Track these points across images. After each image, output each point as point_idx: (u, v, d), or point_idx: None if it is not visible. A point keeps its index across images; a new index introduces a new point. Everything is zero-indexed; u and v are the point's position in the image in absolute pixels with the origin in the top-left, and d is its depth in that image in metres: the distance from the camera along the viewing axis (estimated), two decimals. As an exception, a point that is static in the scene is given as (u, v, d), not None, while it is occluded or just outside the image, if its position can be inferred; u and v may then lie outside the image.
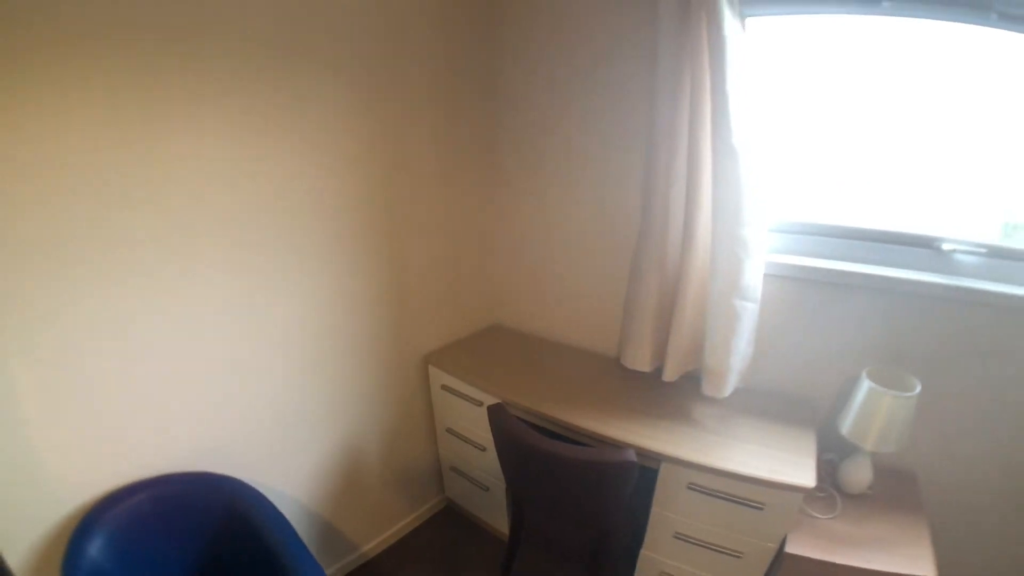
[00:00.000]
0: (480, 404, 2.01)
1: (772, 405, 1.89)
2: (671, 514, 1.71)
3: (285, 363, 1.82)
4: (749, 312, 1.73)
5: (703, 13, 1.54)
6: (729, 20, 1.50)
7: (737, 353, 1.77)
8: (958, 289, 1.63)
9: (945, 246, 1.72)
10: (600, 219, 2.19)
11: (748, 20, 1.65)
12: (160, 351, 1.50)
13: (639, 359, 2.00)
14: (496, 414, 1.58)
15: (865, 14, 1.65)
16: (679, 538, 1.72)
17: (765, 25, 1.78)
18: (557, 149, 2.20)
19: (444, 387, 2.19)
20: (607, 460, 1.43)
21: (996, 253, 1.67)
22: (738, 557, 1.65)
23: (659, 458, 1.63)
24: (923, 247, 1.75)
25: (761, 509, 1.54)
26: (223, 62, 1.45)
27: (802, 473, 1.53)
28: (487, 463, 2.13)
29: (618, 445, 1.66)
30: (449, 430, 2.28)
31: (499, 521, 2.27)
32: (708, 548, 1.68)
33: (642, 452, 1.58)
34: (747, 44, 1.58)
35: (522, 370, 2.12)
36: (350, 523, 2.20)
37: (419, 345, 2.28)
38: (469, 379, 2.08)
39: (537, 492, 1.69)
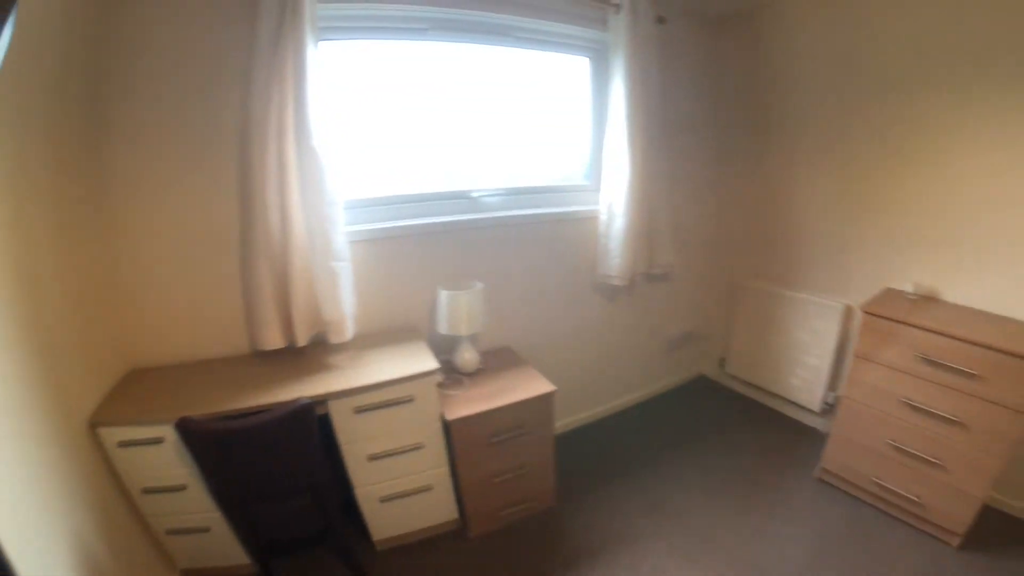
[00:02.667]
0: (160, 440, 1.95)
1: (386, 335, 2.53)
2: (357, 442, 2.14)
3: None
4: (344, 270, 2.29)
5: (290, 41, 2.00)
6: (310, 47, 2.04)
7: (346, 303, 2.32)
8: (486, 219, 2.71)
9: (474, 194, 2.76)
10: (200, 229, 2.28)
11: (323, 44, 2.20)
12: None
13: (273, 339, 2.29)
14: (185, 426, 1.75)
15: (415, 39, 2.52)
16: (374, 459, 2.18)
17: (338, 47, 2.42)
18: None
19: (122, 443, 1.96)
20: (288, 411, 1.81)
21: (507, 193, 2.86)
22: (422, 448, 2.22)
23: (324, 399, 2.03)
24: (462, 198, 2.75)
25: (413, 401, 2.14)
26: None
27: (426, 362, 2.20)
28: (194, 498, 2.07)
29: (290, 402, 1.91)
30: (146, 490, 2.05)
31: (238, 553, 2.24)
32: (397, 454, 2.20)
33: (310, 399, 1.89)
34: (322, 62, 2.13)
35: (180, 393, 2.10)
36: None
37: (75, 411, 1.91)
38: (144, 418, 1.95)
39: (250, 476, 1.91)
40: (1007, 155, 2.46)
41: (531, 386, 2.43)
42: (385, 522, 2.36)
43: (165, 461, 1.95)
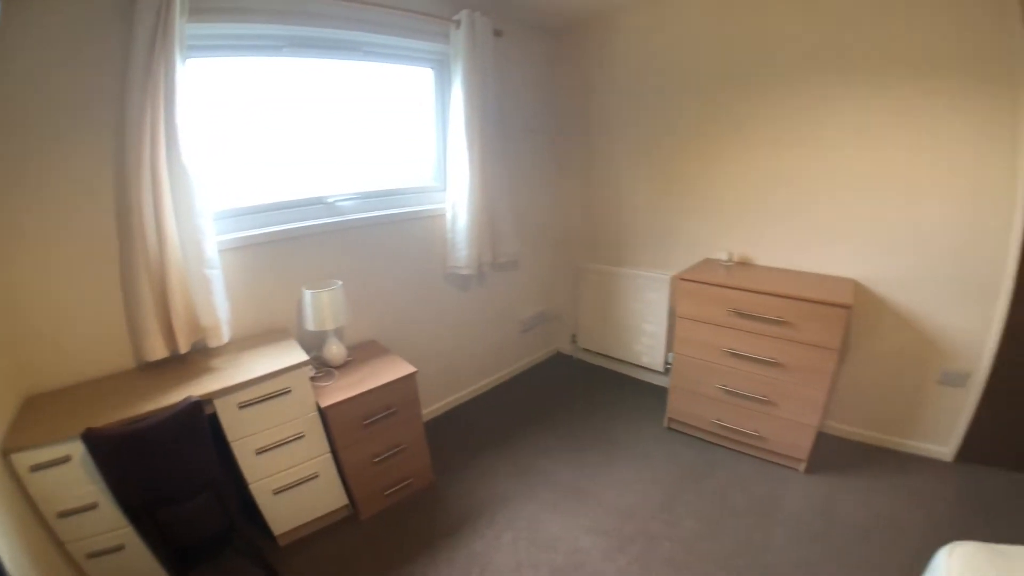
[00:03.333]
0: (68, 458, 1.95)
1: (260, 336, 2.67)
2: (244, 437, 2.27)
3: None
4: (216, 277, 2.41)
5: (162, 62, 2.08)
6: (179, 65, 2.13)
7: (220, 308, 2.44)
8: (343, 222, 2.94)
9: (331, 199, 2.95)
10: (79, 250, 2.29)
11: (191, 61, 2.31)
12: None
13: (157, 349, 2.36)
14: (90, 436, 1.83)
15: (273, 56, 2.69)
16: (262, 452, 2.32)
17: (205, 64, 2.52)
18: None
19: (34, 467, 1.91)
20: (179, 409, 1.96)
21: (362, 197, 3.11)
22: (303, 437, 2.41)
23: (210, 398, 2.15)
24: (319, 204, 2.93)
25: (290, 392, 2.32)
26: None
27: (297, 356, 2.40)
28: (106, 516, 2.06)
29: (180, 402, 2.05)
30: (61, 513, 2.00)
31: (155, 570, 2.24)
32: (282, 445, 2.35)
33: (197, 398, 2.04)
34: (190, 80, 2.24)
35: (79, 411, 2.08)
36: None
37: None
38: (52, 437, 1.93)
39: (153, 479, 2.00)
40: (786, 136, 3.13)
41: (395, 370, 2.67)
42: (282, 515, 2.49)
43: (75, 479, 1.98)
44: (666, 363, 3.84)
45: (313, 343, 2.68)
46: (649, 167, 3.77)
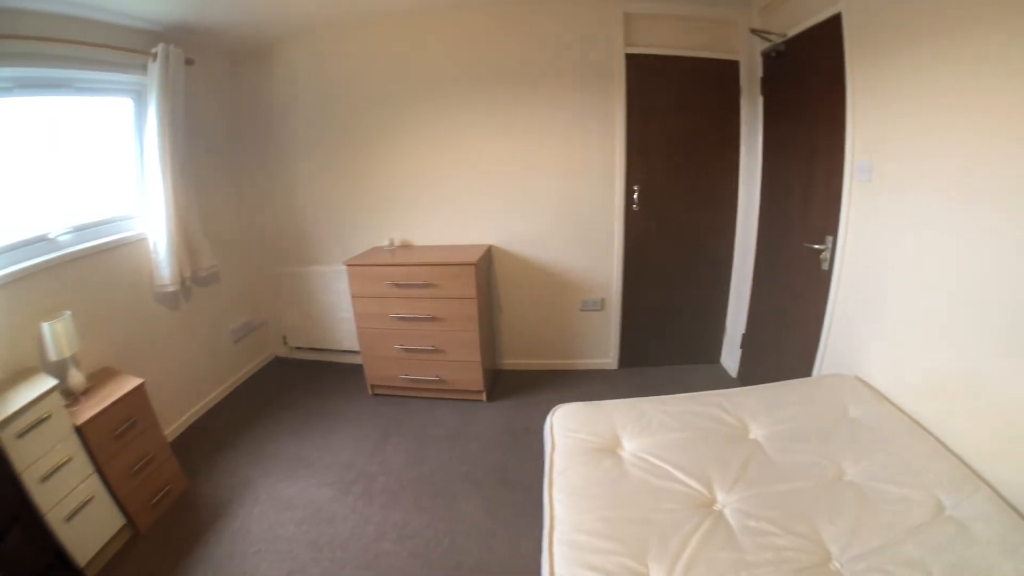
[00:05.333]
0: None
1: (17, 375, 2.71)
2: (28, 467, 2.34)
3: None
4: None
5: None
6: None
7: None
8: (65, 254, 3.08)
9: (51, 235, 3.09)
10: None
11: None
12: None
13: None
14: None
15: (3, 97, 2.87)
16: (45, 480, 2.33)
17: None
18: None
19: None
20: None
21: (77, 229, 3.24)
22: (72, 460, 2.49)
23: None
24: (41, 241, 3.04)
25: (51, 417, 2.43)
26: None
27: (48, 384, 2.54)
28: None
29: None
30: None
31: None
32: (58, 469, 2.41)
33: None
34: None
35: None
36: None
37: None
38: None
39: None
40: (426, 146, 4.24)
41: (127, 385, 2.94)
42: (79, 544, 2.54)
43: None
44: (361, 341, 4.63)
45: (59, 374, 2.80)
46: (326, 175, 4.51)
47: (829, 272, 2.95)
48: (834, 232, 2.89)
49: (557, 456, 2.28)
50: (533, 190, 4.18)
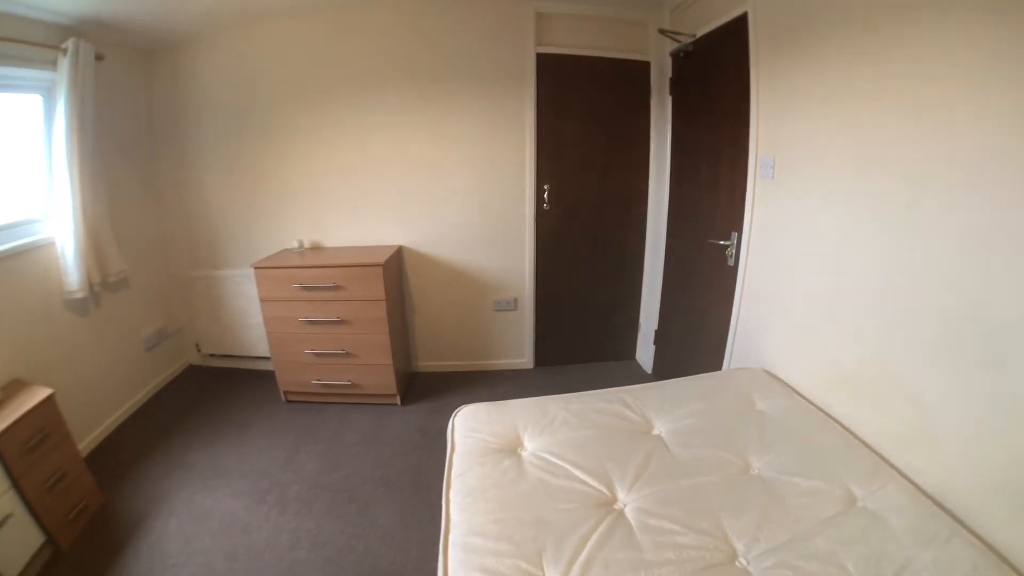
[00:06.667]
0: None
1: None
2: None
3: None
4: None
5: None
6: None
7: None
8: None
9: None
10: None
11: None
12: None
13: None
14: None
15: None
16: None
17: None
18: None
19: None
20: None
21: None
22: None
23: None
24: None
25: None
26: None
27: None
28: None
29: None
30: None
31: None
32: None
33: None
34: None
35: None
36: None
37: None
38: None
39: None
40: (337, 146, 4.16)
41: (36, 396, 2.78)
42: (2, 563, 2.46)
43: None
44: (274, 347, 4.54)
45: None
46: (233, 176, 4.35)
47: (735, 267, 3.03)
48: (739, 228, 2.97)
49: (456, 457, 2.25)
50: (444, 190, 4.16)
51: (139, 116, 4.30)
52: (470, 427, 2.43)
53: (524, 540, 1.74)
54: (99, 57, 3.48)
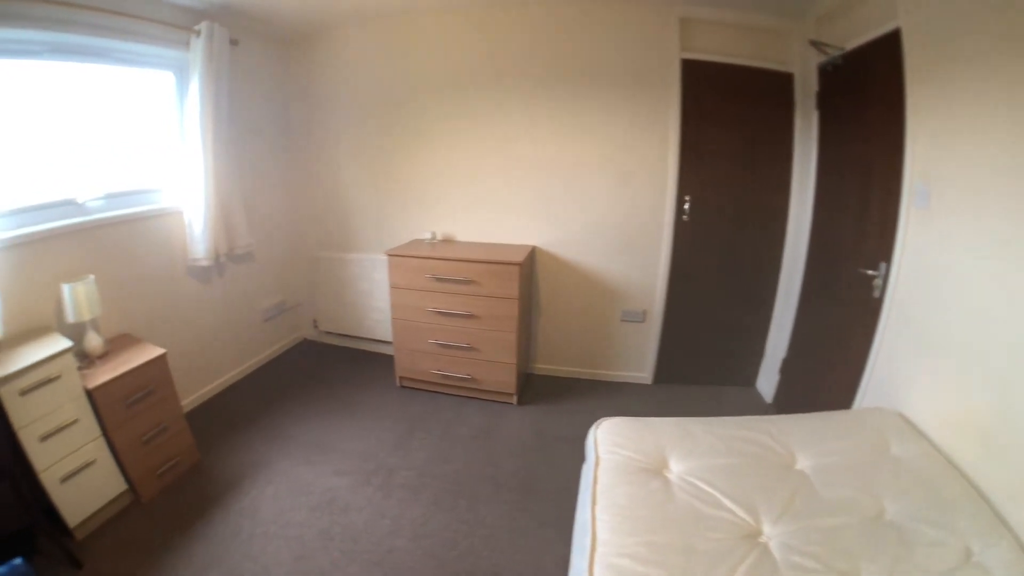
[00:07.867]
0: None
1: (31, 332, 2.76)
2: (27, 425, 2.40)
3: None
4: None
5: None
6: None
7: None
8: (90, 220, 3.13)
9: (80, 200, 3.14)
10: None
11: None
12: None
13: None
14: None
15: (32, 60, 2.88)
16: (45, 438, 2.45)
17: None
18: None
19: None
20: None
21: (109, 196, 3.31)
22: (78, 421, 2.60)
23: None
24: (69, 205, 3.10)
25: (60, 378, 2.52)
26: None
27: (62, 344, 2.61)
28: None
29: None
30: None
31: None
32: (62, 429, 2.53)
33: None
34: None
35: None
36: None
37: None
38: None
39: None
40: (476, 142, 4.21)
41: (147, 354, 2.97)
42: (73, 505, 2.59)
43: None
44: (396, 332, 4.61)
45: (75, 336, 2.84)
46: (369, 164, 4.53)
47: (880, 300, 2.81)
48: (888, 259, 2.75)
49: (601, 472, 2.21)
50: (582, 193, 4.09)
51: (275, 101, 4.51)
52: (616, 442, 2.37)
53: (674, 567, 1.71)
54: (234, 42, 3.68)
